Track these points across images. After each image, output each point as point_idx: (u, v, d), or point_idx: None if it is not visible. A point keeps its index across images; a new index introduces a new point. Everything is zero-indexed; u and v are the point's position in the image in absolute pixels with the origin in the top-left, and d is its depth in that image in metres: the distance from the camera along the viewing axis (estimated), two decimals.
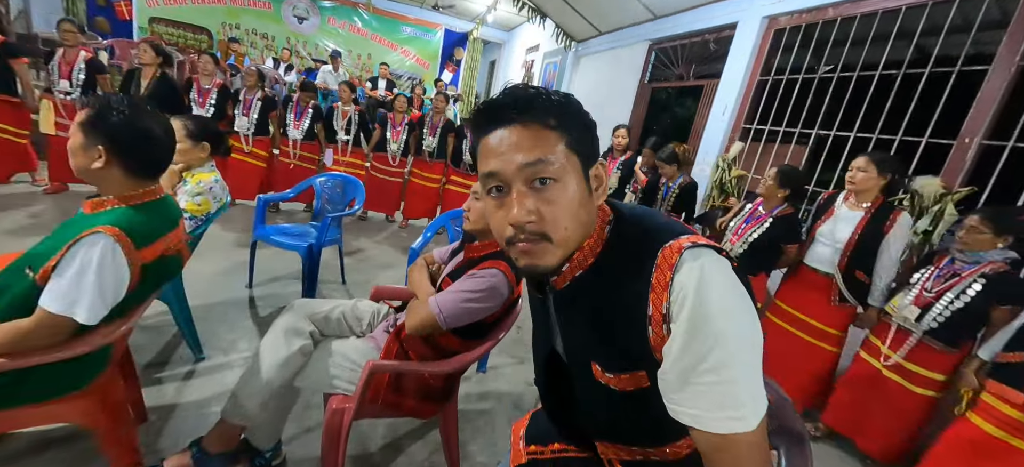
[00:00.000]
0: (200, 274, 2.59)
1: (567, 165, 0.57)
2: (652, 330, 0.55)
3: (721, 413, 0.51)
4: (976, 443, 1.59)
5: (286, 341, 1.20)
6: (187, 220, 1.61)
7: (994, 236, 1.69)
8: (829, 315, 2.09)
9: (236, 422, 1.19)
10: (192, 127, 1.66)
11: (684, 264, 0.53)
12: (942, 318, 1.75)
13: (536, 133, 0.56)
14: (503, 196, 0.58)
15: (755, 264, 2.29)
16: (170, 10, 6.99)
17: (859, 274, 2.01)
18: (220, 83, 3.51)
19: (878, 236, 1.94)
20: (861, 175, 1.97)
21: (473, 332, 1.28)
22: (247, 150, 3.66)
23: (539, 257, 0.58)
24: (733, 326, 0.52)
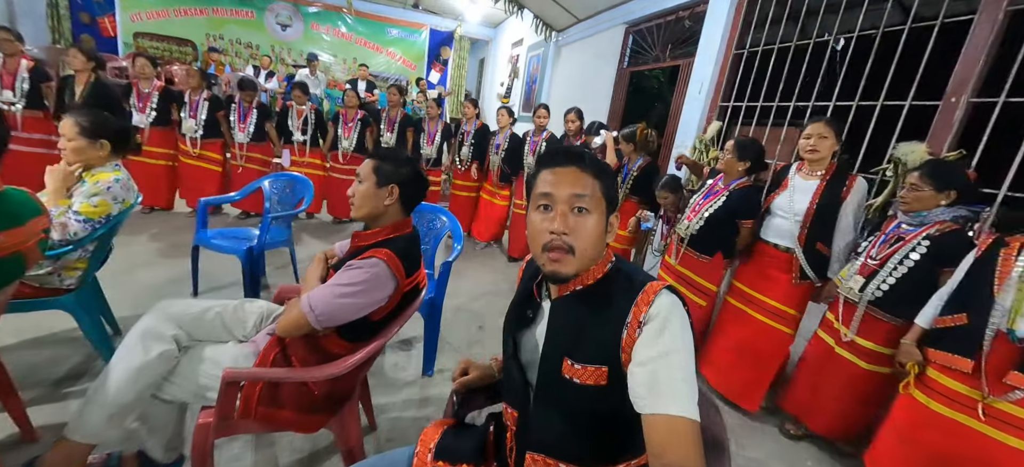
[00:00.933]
0: (144, 284, 2.50)
1: (598, 205, 0.77)
2: (626, 332, 0.71)
3: (686, 401, 0.65)
4: (920, 423, 1.44)
5: (143, 346, 1.06)
6: (81, 223, 1.50)
7: (935, 192, 1.55)
8: (788, 294, 1.97)
9: (79, 440, 1.05)
10: (86, 124, 1.54)
11: (662, 296, 0.72)
12: (886, 286, 1.62)
13: (584, 177, 0.76)
14: (548, 212, 0.76)
15: (712, 241, 2.16)
16: (154, 24, 7.01)
17: (820, 246, 1.90)
18: (161, 86, 3.42)
19: (835, 204, 1.85)
20: (825, 143, 1.86)
21: (361, 331, 1.14)
22: (196, 153, 3.55)
23: (562, 265, 0.75)
24: (686, 339, 0.70)
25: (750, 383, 2.09)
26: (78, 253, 1.59)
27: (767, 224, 2.05)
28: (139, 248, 2.99)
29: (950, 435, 1.37)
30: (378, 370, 2.06)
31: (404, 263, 1.12)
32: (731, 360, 2.15)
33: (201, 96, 3.50)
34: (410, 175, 1.17)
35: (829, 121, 1.88)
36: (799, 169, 2.00)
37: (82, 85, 3.03)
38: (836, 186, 1.86)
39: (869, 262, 1.69)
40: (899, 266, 1.60)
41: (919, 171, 1.61)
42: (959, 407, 1.35)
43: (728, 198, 2.11)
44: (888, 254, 1.64)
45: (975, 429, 1.32)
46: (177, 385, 1.12)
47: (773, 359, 2.05)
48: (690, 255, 2.26)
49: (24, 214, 1.08)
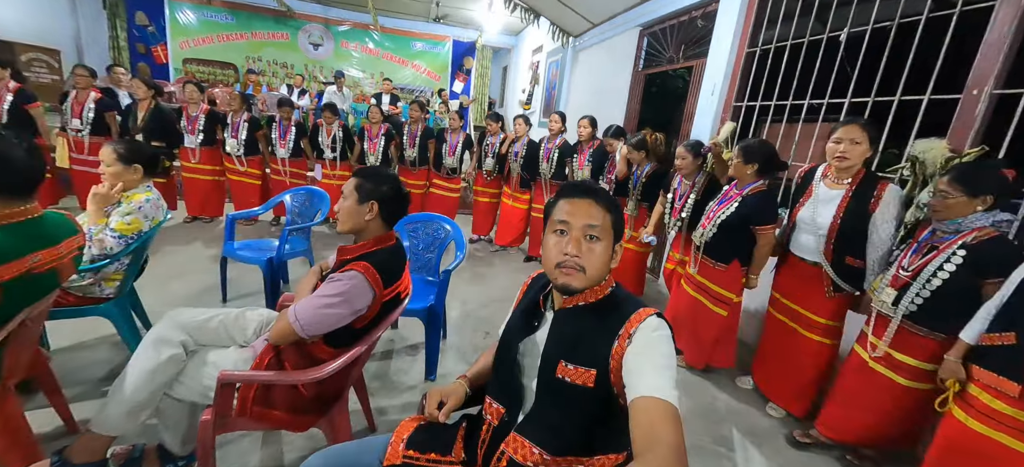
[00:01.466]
0: (179, 292, 2.73)
1: (607, 234, 0.88)
2: (617, 342, 0.82)
3: (670, 390, 0.74)
4: (967, 447, 1.33)
5: (155, 350, 1.20)
6: (116, 238, 1.69)
7: (968, 199, 1.42)
8: (823, 307, 1.90)
9: (101, 432, 1.20)
10: (122, 150, 1.74)
11: (651, 318, 0.83)
12: (920, 300, 1.50)
13: (597, 210, 0.87)
14: (563, 237, 0.87)
15: (727, 248, 2.13)
16: (200, 50, 7.60)
17: (850, 260, 1.79)
18: (207, 109, 3.73)
19: (863, 216, 1.72)
20: (855, 148, 1.71)
21: (344, 338, 1.22)
22: (242, 170, 3.84)
23: (573, 280, 0.86)
24: (670, 351, 0.81)
25: (797, 393, 2.06)
26: (115, 265, 1.78)
27: (794, 238, 1.99)
28: (178, 259, 3.26)
29: (993, 460, 1.27)
30: (382, 373, 2.16)
31: (382, 274, 1.20)
32: (779, 371, 2.13)
33: (242, 118, 3.79)
34: (389, 192, 1.25)
35: (864, 124, 1.72)
36: (824, 175, 1.88)
37: (143, 111, 3.40)
38: (863, 196, 1.73)
39: (901, 273, 1.57)
40: (933, 278, 1.48)
41: (947, 176, 1.47)
42: (1005, 429, 1.25)
43: (741, 203, 2.06)
44: (921, 265, 1.51)
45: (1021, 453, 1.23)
46: (185, 385, 1.25)
47: (816, 370, 1.98)
48: (706, 263, 2.23)
49: (60, 235, 1.24)
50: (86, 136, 3.40)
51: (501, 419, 0.93)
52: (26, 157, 1.14)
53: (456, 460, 0.94)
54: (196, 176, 3.85)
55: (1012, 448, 1.23)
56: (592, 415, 0.85)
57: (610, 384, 0.82)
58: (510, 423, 0.92)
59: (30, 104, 3.25)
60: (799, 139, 2.71)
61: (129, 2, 7.12)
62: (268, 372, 1.18)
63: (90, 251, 1.64)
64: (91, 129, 3.40)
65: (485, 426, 0.94)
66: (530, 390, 0.92)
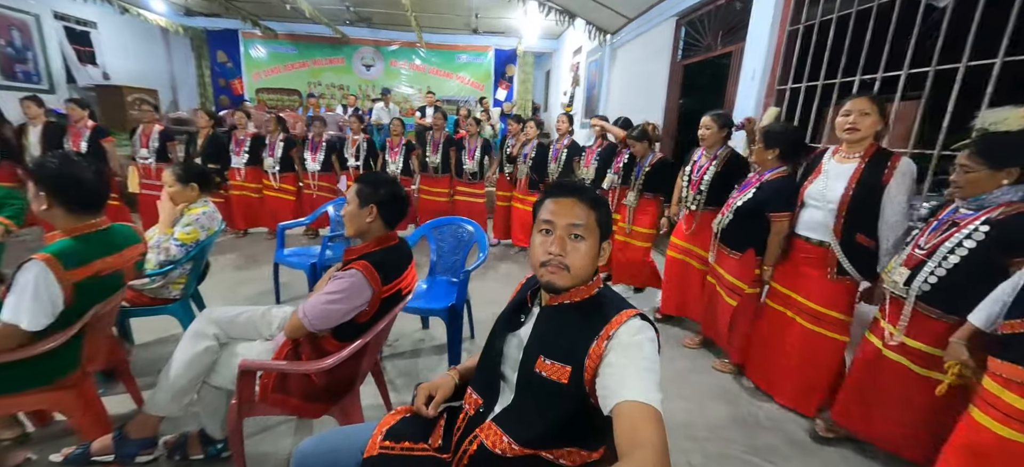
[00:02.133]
0: (240, 295, 3.06)
1: (592, 233, 0.87)
2: (595, 342, 0.81)
3: (653, 393, 0.73)
4: (990, 456, 1.18)
5: (193, 343, 1.37)
6: (178, 247, 1.94)
7: (992, 172, 1.32)
8: (827, 294, 1.80)
9: (153, 412, 1.38)
10: (179, 172, 2.00)
11: (633, 320, 0.83)
12: (934, 278, 1.40)
13: (581, 208, 0.87)
14: (548, 236, 0.88)
15: (742, 236, 2.08)
16: (270, 80, 8.47)
17: (861, 238, 1.69)
18: (253, 133, 4.14)
19: (876, 188, 1.63)
20: (864, 120, 1.64)
21: (349, 332, 1.32)
22: (276, 186, 4.18)
23: (557, 277, 0.87)
24: (652, 352, 0.80)
25: (803, 390, 1.94)
26: (179, 270, 2.04)
27: (800, 216, 1.88)
28: (240, 266, 3.65)
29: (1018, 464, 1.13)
30: (410, 370, 2.26)
31: (381, 272, 1.28)
32: (780, 365, 2.01)
33: (277, 138, 4.15)
34: (387, 195, 1.33)
35: (872, 97, 1.67)
36: (835, 152, 1.80)
37: (203, 138, 3.89)
38: (876, 168, 1.64)
39: (916, 252, 1.47)
40: (950, 255, 1.37)
41: (969, 149, 1.37)
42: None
43: (759, 189, 2.00)
44: (939, 242, 1.41)
45: None
46: (220, 373, 1.41)
47: (823, 366, 1.87)
48: (723, 251, 2.19)
49: (124, 243, 1.47)
50: (152, 163, 3.93)
51: (477, 409, 0.95)
52: (94, 179, 1.37)
53: (431, 447, 0.97)
54: (242, 193, 4.25)
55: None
56: (565, 412, 0.85)
57: (583, 383, 0.82)
58: (485, 413, 0.94)
59: (104, 139, 3.81)
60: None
61: (211, 43, 8.11)
62: (280, 361, 1.30)
63: (158, 257, 1.90)
64: (156, 157, 3.92)
65: (462, 415, 0.97)
66: (511, 383, 0.93)
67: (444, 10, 6.92)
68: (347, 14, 7.17)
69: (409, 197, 1.43)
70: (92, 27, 6.58)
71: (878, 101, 1.65)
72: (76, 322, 1.34)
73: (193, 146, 3.93)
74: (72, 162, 1.33)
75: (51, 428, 1.70)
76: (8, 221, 2.22)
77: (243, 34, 8.07)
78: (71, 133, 3.73)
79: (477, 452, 0.89)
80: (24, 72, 5.60)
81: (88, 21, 6.51)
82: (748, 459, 1.76)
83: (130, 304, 1.93)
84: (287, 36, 8.24)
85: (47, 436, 1.66)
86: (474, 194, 4.30)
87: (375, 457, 0.97)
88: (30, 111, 3.69)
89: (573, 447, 0.88)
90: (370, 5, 6.77)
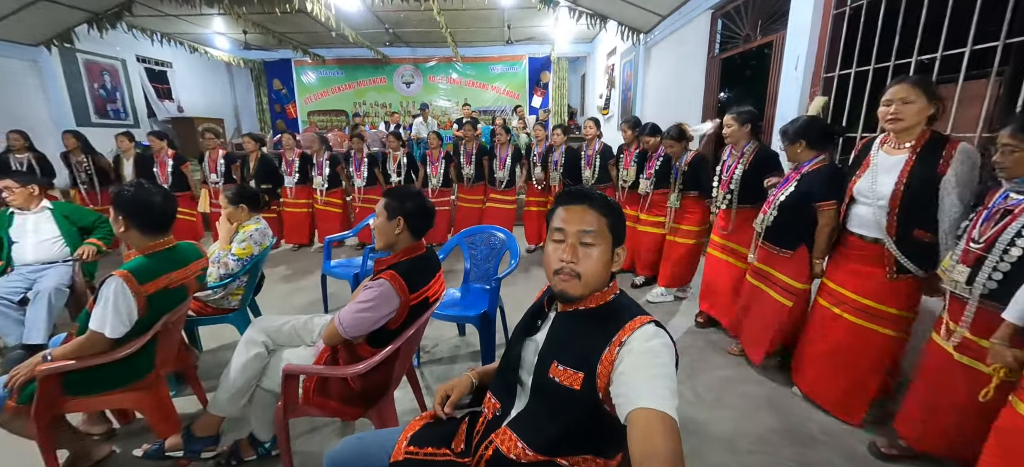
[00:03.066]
0: (293, 304, 3.28)
1: (604, 239, 0.88)
2: (607, 349, 0.81)
3: (667, 400, 0.72)
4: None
5: (246, 349, 1.50)
6: (235, 261, 2.13)
7: None
8: (884, 291, 1.68)
9: (215, 412, 1.52)
10: (230, 195, 2.20)
11: (646, 326, 0.82)
12: (999, 274, 1.28)
13: (591, 215, 0.88)
14: (560, 244, 0.89)
15: (790, 233, 2.01)
16: (320, 103, 9.07)
17: (919, 233, 1.58)
18: (300, 152, 4.44)
19: (931, 180, 1.52)
20: (907, 108, 1.53)
21: (382, 339, 1.39)
22: (322, 201, 4.43)
23: (569, 286, 0.88)
24: (667, 359, 0.78)
25: (849, 392, 1.82)
26: (237, 283, 2.24)
27: (850, 212, 1.78)
28: (292, 278, 3.91)
29: None
30: (446, 376, 2.32)
31: (408, 280, 1.34)
32: (825, 368, 1.90)
33: (324, 157, 4.42)
34: (413, 207, 1.39)
35: (915, 81, 1.53)
36: (883, 143, 1.68)
37: (253, 161, 4.27)
38: (930, 158, 1.52)
39: (972, 247, 1.35)
40: (1011, 247, 1.25)
41: (1010, 127, 1.28)
42: None
43: (800, 181, 1.95)
44: (994, 234, 1.29)
45: None
46: (270, 377, 1.53)
47: (871, 366, 1.76)
48: (769, 250, 2.11)
49: (188, 260, 1.64)
50: (221, 184, 4.34)
51: (495, 413, 0.97)
52: (162, 203, 1.54)
53: (454, 451, 1.00)
54: (293, 210, 4.57)
55: None
56: (578, 418, 0.85)
57: (596, 389, 0.82)
58: (502, 418, 0.96)
59: (183, 165, 4.32)
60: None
61: (268, 73, 8.82)
62: (319, 366, 1.39)
63: (218, 271, 2.10)
64: (224, 179, 4.33)
65: (481, 419, 1.00)
66: (526, 387, 0.95)
67: (477, 24, 7.10)
68: (386, 36, 7.54)
69: (436, 208, 1.49)
70: (168, 66, 7.38)
71: (923, 84, 1.51)
72: (149, 330, 1.51)
73: (246, 168, 4.30)
74: (144, 189, 1.51)
75: (132, 426, 1.92)
76: (99, 242, 2.54)
77: (295, 62, 8.71)
78: (157, 161, 4.25)
79: (493, 457, 0.90)
80: (114, 110, 6.38)
81: (165, 61, 7.30)
82: None
83: (196, 314, 2.14)
84: (334, 61, 8.78)
85: (129, 433, 1.87)
86: (504, 201, 4.37)
87: (400, 462, 1.01)
88: (123, 145, 4.23)
89: (588, 454, 0.87)
90: (407, 25, 7.08)
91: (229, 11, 4.95)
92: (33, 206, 2.47)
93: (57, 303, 2.34)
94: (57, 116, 5.54)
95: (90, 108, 5.99)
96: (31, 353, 1.83)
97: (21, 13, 4.46)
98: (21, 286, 2.33)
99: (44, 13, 4.60)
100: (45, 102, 5.52)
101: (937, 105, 1.52)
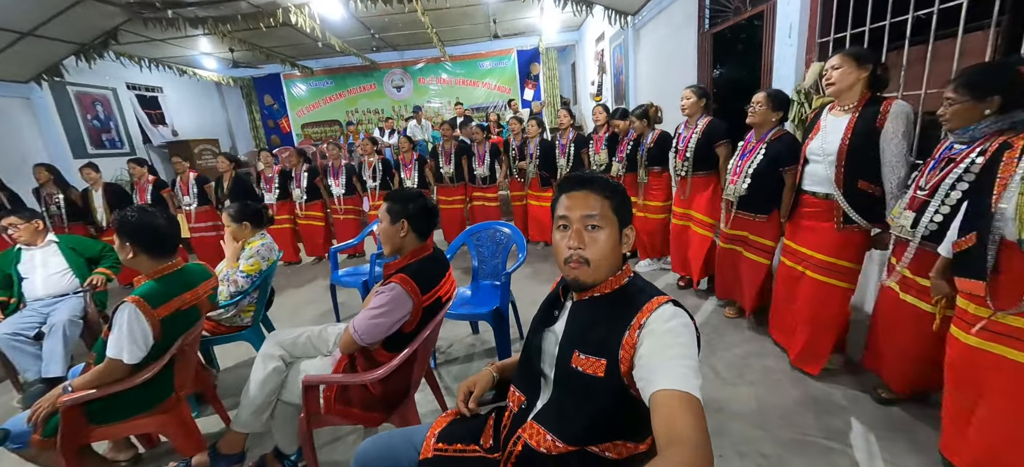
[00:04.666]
0: (304, 317, 3.29)
1: (609, 221, 0.87)
2: (628, 333, 0.81)
3: (689, 380, 0.72)
4: (969, 364, 1.28)
5: (263, 364, 1.51)
6: (243, 278, 2.13)
7: (974, 103, 1.34)
8: (836, 244, 1.87)
9: (238, 430, 1.53)
10: (233, 213, 2.20)
11: (665, 306, 0.82)
12: (939, 217, 1.43)
13: (595, 199, 0.87)
14: (566, 231, 0.89)
15: (762, 199, 2.22)
16: (312, 115, 9.04)
17: (863, 184, 1.77)
18: (279, 169, 4.43)
19: (872, 134, 1.70)
20: (837, 72, 1.77)
21: (398, 343, 1.39)
22: (303, 215, 4.42)
23: (581, 274, 0.87)
24: (688, 338, 0.78)
25: (809, 346, 2.01)
26: (248, 300, 2.24)
27: (805, 172, 1.97)
28: (300, 291, 3.92)
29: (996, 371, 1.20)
30: (463, 374, 2.33)
31: (419, 282, 1.34)
32: (791, 322, 2.11)
33: (302, 169, 4.40)
34: (416, 209, 1.39)
35: (847, 52, 1.76)
36: (831, 108, 1.89)
37: (227, 181, 4.27)
38: (869, 115, 1.72)
39: (918, 193, 1.51)
40: (951, 192, 1.40)
41: (953, 82, 1.41)
42: (996, 338, 1.21)
43: (768, 148, 2.16)
44: (938, 180, 1.44)
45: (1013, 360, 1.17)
46: (290, 390, 1.54)
47: (831, 319, 1.93)
48: (744, 217, 2.32)
49: (198, 280, 1.64)
50: (194, 208, 4.35)
51: (520, 406, 0.97)
52: (167, 226, 1.54)
53: (483, 447, 1.00)
54: (276, 227, 4.47)
55: (1008, 358, 1.17)
56: (604, 406, 0.85)
57: (620, 375, 0.81)
58: (528, 410, 0.95)
59: (164, 190, 4.35)
60: (907, 66, 2.23)
61: (258, 89, 8.79)
62: (338, 375, 1.39)
63: (228, 289, 2.10)
64: (198, 201, 4.34)
65: (507, 413, 1.00)
66: (549, 379, 0.95)
67: (462, 21, 7.05)
68: (373, 41, 7.50)
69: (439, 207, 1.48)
70: (159, 91, 7.36)
71: (851, 52, 1.74)
72: (166, 353, 1.52)
73: (221, 189, 4.30)
74: (148, 213, 1.51)
75: (157, 449, 1.93)
76: (108, 271, 2.55)
77: (284, 76, 8.67)
78: (137, 189, 4.26)
79: (522, 452, 0.90)
80: (109, 140, 6.37)
81: (155, 86, 7.28)
82: (828, 445, 1.64)
83: (210, 333, 2.15)
84: (323, 71, 8.74)
85: (154, 457, 1.89)
86: (487, 198, 4.41)
87: (430, 459, 1.01)
88: (90, 177, 4.14)
89: (618, 440, 0.87)
90: (392, 29, 7.04)
91: (214, 30, 4.90)
92: (39, 241, 2.47)
93: (72, 334, 2.35)
94: (54, 151, 5.54)
95: (86, 139, 5.99)
96: (51, 386, 1.84)
97: (8, 50, 4.45)
98: (35, 321, 2.35)
99: (30, 48, 4.59)
100: (40, 137, 5.51)
101: (868, 70, 1.72)
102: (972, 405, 1.29)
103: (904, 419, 1.71)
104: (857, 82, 1.75)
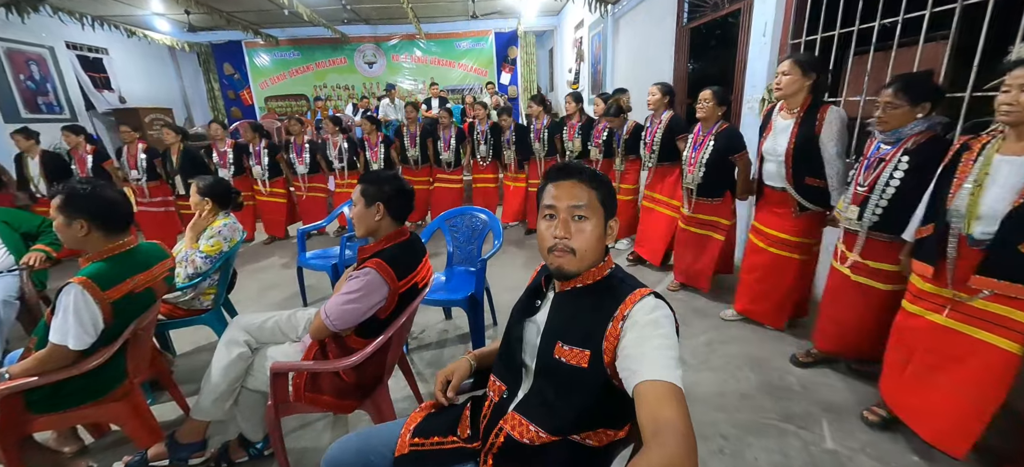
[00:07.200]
0: (270, 301, 3.16)
1: (595, 212, 0.88)
2: (611, 324, 0.82)
3: (672, 370, 0.73)
4: (905, 327, 1.56)
5: (227, 350, 1.43)
6: (203, 259, 2.01)
7: (911, 107, 1.53)
8: (793, 226, 2.12)
9: (199, 418, 1.46)
10: (202, 185, 2.07)
11: (647, 299, 0.83)
12: (880, 210, 1.65)
13: (581, 189, 0.87)
14: (552, 221, 0.88)
15: (716, 184, 2.53)
16: (277, 87, 8.57)
17: (810, 180, 1.98)
18: (233, 143, 4.18)
19: (812, 138, 1.91)
20: (786, 79, 1.93)
21: (372, 329, 1.35)
22: (266, 192, 4.24)
23: (565, 262, 0.87)
24: (669, 330, 0.80)
25: (774, 308, 2.30)
26: (208, 282, 2.12)
27: (764, 170, 2.19)
28: (266, 273, 3.75)
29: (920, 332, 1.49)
30: (436, 361, 2.31)
31: (395, 268, 1.30)
32: (757, 291, 2.35)
33: (260, 145, 4.17)
34: (392, 191, 1.34)
35: (794, 59, 1.92)
36: (781, 110, 2.07)
37: (175, 154, 3.93)
38: (809, 121, 1.91)
39: (858, 189, 1.71)
40: (887, 188, 1.61)
41: (892, 87, 1.56)
42: (926, 305, 1.48)
43: (716, 140, 2.44)
44: (875, 177, 1.64)
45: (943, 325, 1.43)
46: (255, 377, 1.47)
47: (790, 286, 2.21)
48: (702, 203, 2.62)
49: (152, 261, 1.53)
50: (144, 183, 4.01)
51: (501, 396, 0.96)
52: (122, 200, 1.42)
53: (460, 438, 0.99)
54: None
55: (933, 321, 1.45)
56: (587, 396, 0.85)
57: (603, 366, 0.82)
58: (509, 401, 0.95)
59: (105, 162, 3.96)
60: (871, 70, 2.34)
61: (217, 57, 8.23)
62: (309, 362, 1.34)
63: (186, 270, 1.98)
64: (147, 175, 4.00)
65: (487, 403, 0.99)
66: (530, 369, 0.94)
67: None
68: (344, 13, 7.16)
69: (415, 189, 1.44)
70: (104, 53, 6.76)
71: (798, 60, 1.91)
72: (118, 338, 1.42)
73: (169, 163, 3.98)
74: (101, 186, 1.39)
75: (107, 439, 1.81)
76: (48, 247, 2.34)
77: (246, 44, 8.15)
78: (75, 158, 3.88)
79: (505, 443, 0.90)
80: (46, 104, 5.81)
81: (99, 48, 6.68)
82: (783, 427, 1.74)
83: (166, 317, 2.02)
84: (288, 41, 8.28)
85: (104, 447, 1.77)
86: (451, 181, 4.42)
87: (406, 455, 0.99)
88: (22, 144, 3.75)
89: (599, 428, 0.89)
90: (366, 1, 6.73)
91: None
92: None
93: (7, 317, 2.15)
94: None
95: (18, 102, 5.44)
96: None
97: None
98: None
99: None
100: None
101: (813, 78, 1.89)
102: (907, 359, 1.55)
103: (851, 403, 1.84)
104: (801, 89, 1.93)
